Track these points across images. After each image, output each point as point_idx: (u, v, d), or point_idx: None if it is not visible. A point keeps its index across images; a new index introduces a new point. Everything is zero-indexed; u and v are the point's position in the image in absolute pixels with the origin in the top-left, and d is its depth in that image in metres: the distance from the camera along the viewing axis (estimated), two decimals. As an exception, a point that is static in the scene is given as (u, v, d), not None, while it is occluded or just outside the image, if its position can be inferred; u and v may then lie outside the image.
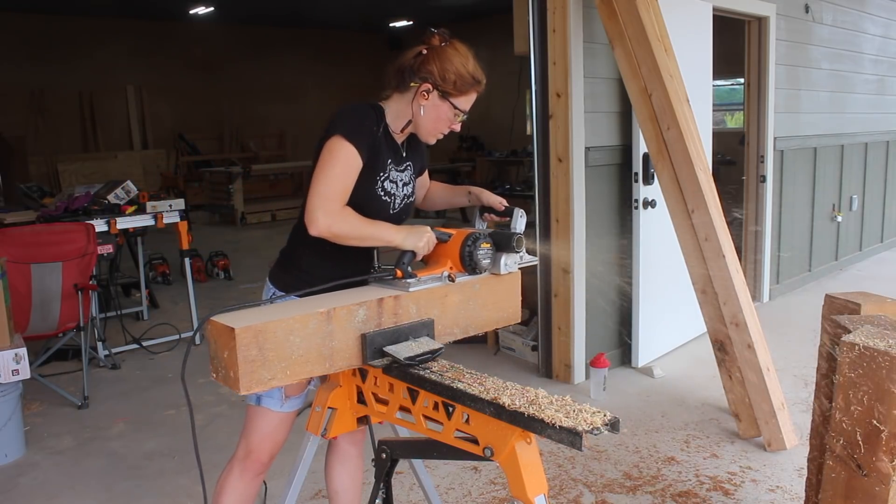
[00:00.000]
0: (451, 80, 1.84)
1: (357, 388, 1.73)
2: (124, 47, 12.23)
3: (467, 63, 1.86)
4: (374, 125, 1.82)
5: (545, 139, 3.71)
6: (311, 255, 1.86)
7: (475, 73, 1.88)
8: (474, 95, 1.92)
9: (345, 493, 2.16)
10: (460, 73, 1.85)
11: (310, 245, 1.79)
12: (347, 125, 1.75)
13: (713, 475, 2.79)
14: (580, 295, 3.75)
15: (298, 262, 1.89)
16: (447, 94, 1.85)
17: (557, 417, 1.26)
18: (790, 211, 5.43)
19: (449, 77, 1.84)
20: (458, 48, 1.88)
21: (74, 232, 4.03)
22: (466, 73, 1.86)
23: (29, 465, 3.07)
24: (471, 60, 1.88)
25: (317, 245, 1.75)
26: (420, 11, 12.88)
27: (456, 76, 1.85)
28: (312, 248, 1.82)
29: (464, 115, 1.92)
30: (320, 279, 1.72)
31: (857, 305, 1.96)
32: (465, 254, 1.78)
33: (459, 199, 2.15)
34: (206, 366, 1.55)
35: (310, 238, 1.71)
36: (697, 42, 4.15)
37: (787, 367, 3.89)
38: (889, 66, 6.73)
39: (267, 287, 1.92)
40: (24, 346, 3.05)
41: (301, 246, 1.87)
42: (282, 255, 1.93)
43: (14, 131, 10.70)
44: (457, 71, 1.85)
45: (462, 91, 1.87)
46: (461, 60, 1.86)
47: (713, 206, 3.11)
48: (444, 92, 1.85)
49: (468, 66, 1.86)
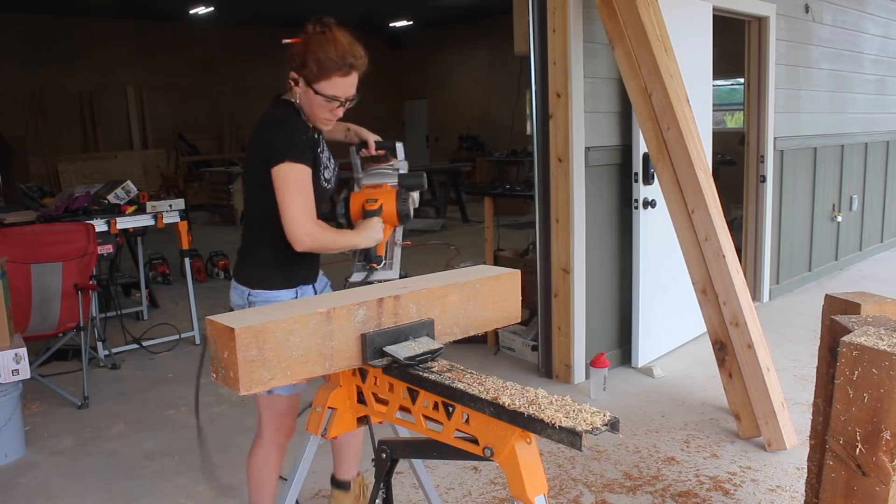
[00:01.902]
0: (310, 66, 1.87)
1: (357, 388, 1.73)
2: (124, 47, 12.24)
3: (331, 47, 1.85)
4: (306, 133, 1.94)
5: (545, 139, 3.71)
6: (271, 246, 2.00)
7: (340, 56, 1.86)
8: (344, 79, 1.89)
9: (346, 446, 2.38)
10: (318, 57, 1.85)
11: (267, 239, 1.98)
12: (292, 149, 1.88)
13: (713, 475, 2.79)
14: (580, 295, 3.75)
15: (263, 255, 2.03)
16: (309, 81, 1.88)
17: (557, 417, 1.26)
18: (790, 211, 5.43)
19: (309, 63, 1.86)
20: (328, 34, 1.87)
21: (74, 232, 4.03)
22: (326, 58, 1.85)
23: (29, 465, 3.07)
24: (339, 45, 1.86)
25: (275, 236, 1.92)
26: (420, 11, 12.90)
27: (314, 61, 1.86)
28: (271, 240, 1.97)
29: (343, 101, 1.93)
30: (284, 264, 1.98)
31: (857, 305, 1.96)
32: (402, 213, 2.07)
33: (337, 134, 2.27)
34: (206, 366, 1.55)
35: (266, 231, 1.95)
36: (697, 42, 4.15)
37: (787, 367, 3.89)
38: (889, 66, 6.73)
39: (236, 288, 2.04)
40: (24, 346, 3.05)
41: (260, 242, 2.03)
42: (243, 254, 2.07)
43: (14, 131, 10.71)
44: (315, 56, 1.85)
45: (322, 75, 1.87)
46: (324, 45, 1.85)
47: (713, 206, 3.12)
48: (306, 78, 1.88)
49: (330, 51, 1.85)
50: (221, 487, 2.81)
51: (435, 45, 15.36)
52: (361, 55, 1.91)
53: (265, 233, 1.98)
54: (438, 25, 14.62)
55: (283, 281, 2.01)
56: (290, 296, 2.01)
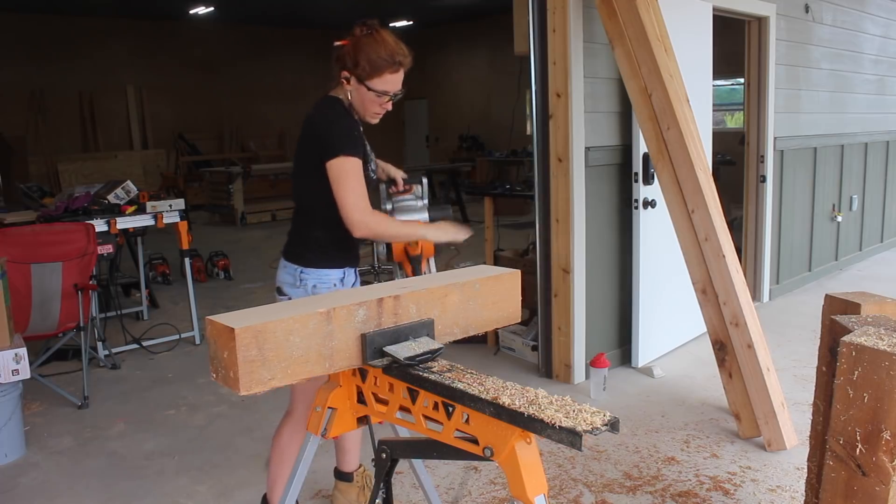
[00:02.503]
0: (362, 65, 2.07)
1: (357, 388, 1.73)
2: (124, 47, 12.25)
3: (381, 48, 2.06)
4: (356, 128, 2.12)
5: (545, 139, 3.71)
6: (324, 230, 2.17)
7: (390, 55, 2.06)
8: (394, 76, 2.10)
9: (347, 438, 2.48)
10: (370, 57, 2.05)
11: (320, 224, 2.15)
12: (346, 143, 2.05)
13: (713, 475, 2.79)
14: (580, 295, 3.75)
15: (315, 238, 2.19)
16: (361, 78, 2.08)
17: (557, 417, 1.26)
18: (790, 211, 5.43)
19: (361, 62, 2.07)
20: (375, 35, 2.07)
21: (74, 232, 4.03)
22: (377, 57, 2.06)
23: (29, 465, 3.07)
24: (387, 45, 2.07)
25: (327, 222, 2.11)
26: (420, 11, 12.89)
27: (366, 61, 2.06)
28: (323, 225, 2.15)
29: (392, 96, 2.14)
30: (334, 247, 2.16)
31: (857, 305, 1.96)
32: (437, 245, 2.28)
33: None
34: (206, 366, 1.55)
35: (319, 218, 2.14)
36: (697, 42, 4.15)
37: (787, 367, 3.89)
38: (889, 66, 6.73)
39: (287, 267, 2.20)
40: (24, 346, 3.05)
41: (313, 226, 2.19)
42: (295, 237, 2.22)
43: (14, 131, 10.72)
44: (367, 56, 2.06)
45: (375, 73, 2.07)
46: (374, 46, 2.06)
47: (713, 206, 3.12)
48: (359, 76, 2.08)
49: (381, 51, 2.06)
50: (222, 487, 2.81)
51: (435, 45, 15.36)
52: (407, 52, 2.11)
53: (317, 219, 2.16)
54: (438, 25, 14.62)
55: (332, 262, 2.19)
56: (339, 275, 2.20)
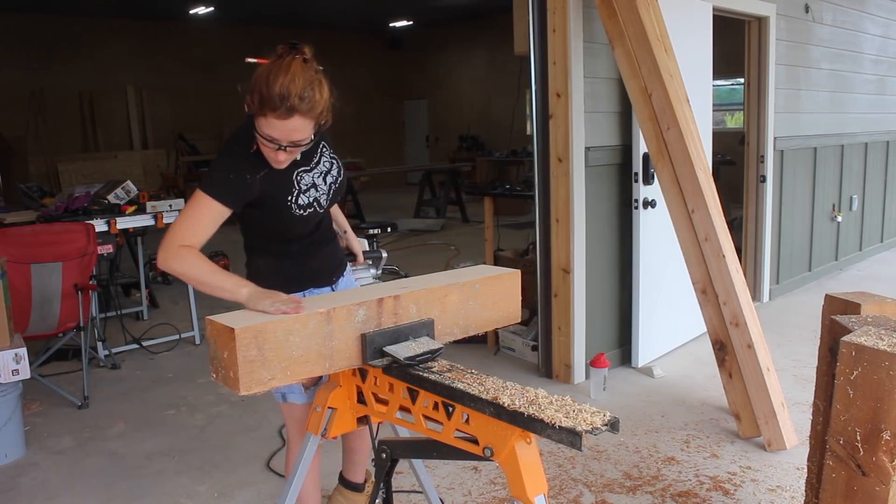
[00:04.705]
0: (253, 96, 1.66)
1: (357, 388, 1.73)
2: (124, 47, 12.23)
3: (279, 82, 1.61)
4: (239, 171, 1.77)
5: (545, 139, 3.70)
6: (264, 259, 2.01)
7: (281, 94, 1.61)
8: (281, 122, 1.65)
9: (359, 451, 2.41)
10: (261, 88, 1.63)
11: (260, 253, 2.00)
12: (213, 181, 1.77)
13: (713, 475, 2.79)
14: (580, 295, 3.75)
15: (257, 268, 2.01)
16: (251, 113, 1.69)
17: (557, 417, 1.26)
18: (790, 211, 5.43)
19: (254, 94, 1.65)
20: (286, 64, 1.64)
21: (74, 232, 4.03)
22: (268, 93, 1.62)
23: (29, 465, 3.07)
24: (292, 83, 1.62)
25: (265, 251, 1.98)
26: (420, 11, 12.89)
27: (257, 93, 1.64)
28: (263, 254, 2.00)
29: (281, 146, 1.70)
30: (279, 274, 1.94)
31: (857, 305, 1.96)
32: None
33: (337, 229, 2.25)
34: (206, 366, 1.55)
35: (256, 248, 1.99)
36: (697, 42, 4.15)
37: (787, 367, 3.89)
38: (889, 66, 6.72)
39: None
40: (24, 346, 3.05)
41: (254, 256, 2.02)
42: (247, 268, 2.05)
43: (14, 131, 10.70)
44: (260, 87, 1.63)
45: (260, 110, 1.66)
46: (273, 76, 1.62)
47: (713, 206, 3.12)
48: (249, 109, 1.69)
49: (275, 86, 1.61)
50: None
51: (435, 45, 15.36)
52: (314, 100, 1.66)
53: (255, 249, 2.01)
54: (438, 25, 14.62)
55: (279, 288, 1.78)
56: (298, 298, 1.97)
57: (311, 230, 1.97)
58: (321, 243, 2.04)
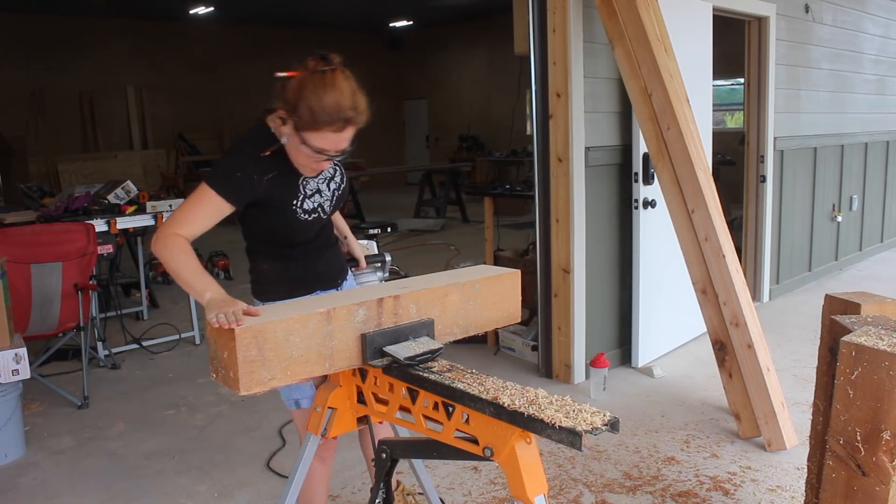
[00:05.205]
0: (301, 112, 1.68)
1: (357, 388, 1.73)
2: (124, 47, 12.24)
3: (328, 96, 1.66)
4: (245, 171, 1.78)
5: (545, 139, 3.70)
6: (269, 263, 1.98)
7: (336, 108, 1.67)
8: (336, 135, 1.71)
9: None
10: (311, 105, 1.65)
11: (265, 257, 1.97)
12: (218, 175, 1.79)
13: (713, 475, 2.79)
14: (580, 295, 3.75)
15: (262, 271, 2.00)
16: (298, 127, 1.70)
17: (557, 417, 1.26)
18: (790, 211, 5.43)
19: (301, 108, 1.67)
20: (328, 77, 1.68)
21: (74, 232, 4.03)
22: (320, 109, 1.65)
23: (29, 465, 3.07)
24: (338, 94, 1.67)
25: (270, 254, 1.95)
26: (420, 11, 12.90)
27: (307, 108, 1.66)
28: (269, 258, 1.97)
29: (331, 156, 1.75)
30: (284, 278, 1.95)
31: (857, 305, 1.96)
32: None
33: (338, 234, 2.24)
34: (206, 366, 1.55)
35: (261, 251, 1.96)
36: (697, 42, 4.15)
37: (787, 367, 3.89)
38: (889, 66, 6.72)
39: (254, 301, 2.02)
40: (24, 346, 3.05)
41: (259, 259, 2.00)
42: (250, 272, 2.03)
43: (14, 131, 10.70)
44: (309, 103, 1.66)
45: (313, 126, 1.68)
46: (321, 92, 1.66)
47: (713, 206, 3.12)
48: (296, 125, 1.70)
49: (326, 100, 1.65)
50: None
51: (435, 45, 15.36)
52: (362, 108, 1.72)
53: (260, 252, 1.98)
54: (438, 25, 14.62)
55: (288, 292, 1.92)
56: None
57: (314, 235, 1.99)
58: (324, 247, 2.06)
